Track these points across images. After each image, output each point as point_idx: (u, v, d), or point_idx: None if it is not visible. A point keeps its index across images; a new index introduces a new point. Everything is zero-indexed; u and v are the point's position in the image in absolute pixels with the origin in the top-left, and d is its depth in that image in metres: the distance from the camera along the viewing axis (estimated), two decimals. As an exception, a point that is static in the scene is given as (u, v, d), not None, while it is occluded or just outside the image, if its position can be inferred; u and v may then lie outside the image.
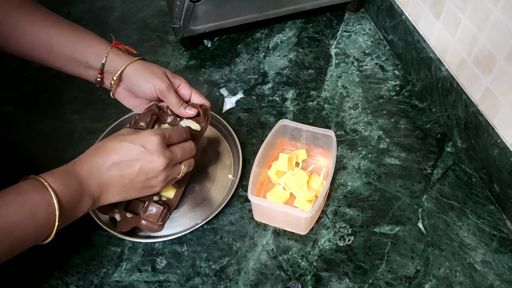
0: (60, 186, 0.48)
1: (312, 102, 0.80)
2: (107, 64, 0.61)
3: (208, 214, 0.64)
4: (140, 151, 0.52)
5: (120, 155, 0.52)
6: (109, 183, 0.52)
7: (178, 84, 0.65)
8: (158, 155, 0.53)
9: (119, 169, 0.52)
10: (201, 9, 0.80)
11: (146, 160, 0.52)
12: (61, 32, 0.60)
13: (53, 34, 0.59)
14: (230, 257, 0.62)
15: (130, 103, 0.67)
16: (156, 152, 0.53)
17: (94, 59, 0.61)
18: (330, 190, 0.68)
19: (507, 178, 0.61)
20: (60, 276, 0.61)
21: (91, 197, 0.51)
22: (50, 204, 0.46)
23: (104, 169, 0.51)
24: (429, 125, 0.76)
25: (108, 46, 0.61)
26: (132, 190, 0.54)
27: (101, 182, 0.51)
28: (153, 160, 0.52)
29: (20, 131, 0.77)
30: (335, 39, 0.90)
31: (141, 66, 0.62)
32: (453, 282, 0.59)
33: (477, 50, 0.64)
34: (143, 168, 0.52)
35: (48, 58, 0.61)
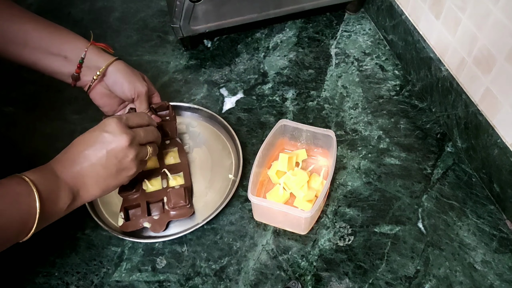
0: (38, 178, 0.49)
1: (312, 102, 0.80)
2: (86, 59, 0.62)
3: (209, 214, 0.64)
4: (101, 135, 0.53)
5: (85, 144, 0.53)
6: (83, 174, 0.52)
7: (153, 92, 0.68)
8: (120, 133, 0.53)
9: (88, 158, 0.52)
10: (201, 9, 0.80)
11: (109, 141, 0.53)
12: (38, 27, 0.60)
13: (29, 30, 0.59)
14: (230, 257, 0.62)
15: (103, 102, 0.68)
16: (117, 131, 0.53)
17: (72, 54, 0.62)
18: (330, 190, 0.68)
19: (507, 178, 0.61)
20: (60, 276, 0.61)
21: (70, 191, 0.51)
22: (30, 194, 0.47)
23: (75, 161, 0.52)
24: (429, 125, 0.76)
25: (86, 42, 0.62)
26: (109, 178, 0.54)
27: (75, 174, 0.52)
28: (116, 140, 0.53)
29: (20, 131, 0.77)
30: (335, 39, 0.90)
31: (123, 66, 0.64)
32: (453, 282, 0.59)
33: (477, 50, 0.64)
34: (109, 149, 0.53)
35: (23, 54, 0.61)
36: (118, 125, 0.54)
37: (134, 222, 0.62)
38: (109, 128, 0.53)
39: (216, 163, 0.71)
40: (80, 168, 0.52)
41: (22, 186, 0.47)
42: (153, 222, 0.62)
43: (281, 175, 0.66)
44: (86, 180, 0.52)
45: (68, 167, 0.52)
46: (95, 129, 0.54)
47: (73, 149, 0.53)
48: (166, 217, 0.63)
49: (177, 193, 0.62)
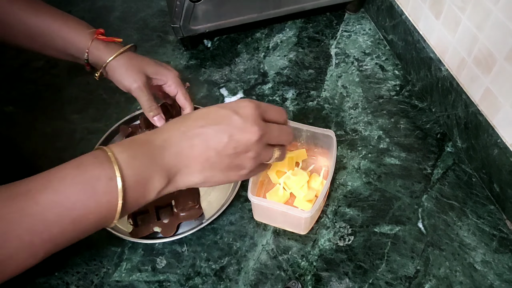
0: (127, 157, 0.40)
1: (312, 102, 0.80)
2: (90, 58, 0.61)
3: (212, 213, 0.64)
4: (231, 116, 0.44)
5: (208, 120, 0.44)
6: (190, 155, 0.43)
7: (163, 82, 0.63)
8: (251, 123, 0.44)
9: (205, 138, 0.43)
10: (201, 9, 0.80)
11: (238, 128, 0.43)
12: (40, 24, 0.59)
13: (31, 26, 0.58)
14: (230, 257, 0.62)
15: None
16: (250, 119, 0.44)
17: (77, 53, 0.61)
18: (330, 190, 0.68)
19: (507, 178, 0.61)
20: (60, 276, 0.61)
21: (166, 174, 0.42)
22: (112, 178, 0.39)
23: (186, 137, 0.43)
24: (429, 125, 0.76)
25: (89, 39, 0.60)
26: (217, 168, 0.44)
27: (180, 152, 0.42)
28: (246, 129, 0.44)
29: (20, 131, 0.77)
30: (335, 39, 0.90)
31: (120, 63, 0.60)
32: (453, 282, 0.59)
33: (477, 50, 0.64)
34: (234, 137, 0.43)
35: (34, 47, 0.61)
36: (254, 113, 0.44)
37: (144, 227, 0.62)
38: (243, 111, 0.44)
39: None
40: (190, 147, 0.43)
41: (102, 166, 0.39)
42: (163, 226, 0.62)
43: (281, 175, 0.66)
44: (191, 162, 0.43)
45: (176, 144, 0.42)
46: (225, 105, 0.45)
47: (188, 122, 0.44)
48: (176, 220, 0.63)
49: (185, 195, 0.62)
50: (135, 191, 0.41)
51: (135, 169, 0.40)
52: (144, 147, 0.42)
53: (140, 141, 0.42)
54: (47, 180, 0.39)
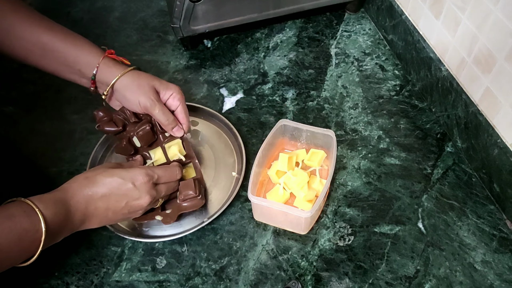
0: (50, 214, 0.48)
1: (312, 102, 0.80)
2: (98, 75, 0.61)
3: (214, 212, 0.64)
4: (129, 188, 0.55)
5: (110, 189, 0.54)
6: (93, 214, 0.53)
7: (170, 94, 0.64)
8: (145, 194, 0.56)
9: (106, 202, 0.54)
10: (201, 9, 0.80)
11: (133, 197, 0.55)
12: (54, 39, 0.59)
13: (46, 41, 0.59)
14: (230, 257, 0.62)
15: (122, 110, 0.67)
16: (143, 190, 0.56)
17: (85, 69, 0.61)
18: (330, 190, 0.68)
19: (507, 178, 0.61)
20: (60, 276, 0.61)
21: (73, 226, 0.52)
22: (38, 231, 0.47)
23: (92, 201, 0.53)
24: (429, 125, 0.76)
25: (99, 55, 0.61)
26: (111, 220, 0.56)
27: (86, 213, 0.53)
28: (140, 198, 0.56)
29: (20, 131, 0.77)
30: (335, 39, 0.90)
31: (130, 80, 0.62)
32: (453, 282, 0.59)
33: (477, 50, 0.64)
34: (129, 203, 0.55)
35: (42, 63, 0.61)
36: (147, 185, 0.56)
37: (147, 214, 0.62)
38: (138, 183, 0.55)
39: (219, 161, 0.71)
40: (94, 209, 0.53)
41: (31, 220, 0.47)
42: (164, 215, 0.63)
43: (281, 175, 0.66)
44: (92, 219, 0.54)
45: (83, 206, 0.52)
46: (124, 176, 0.55)
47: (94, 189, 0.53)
48: (177, 210, 0.63)
49: (186, 184, 0.62)
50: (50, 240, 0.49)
51: (55, 224, 0.49)
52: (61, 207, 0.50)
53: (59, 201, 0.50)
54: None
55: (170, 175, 0.60)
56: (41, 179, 0.71)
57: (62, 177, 0.71)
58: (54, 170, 0.72)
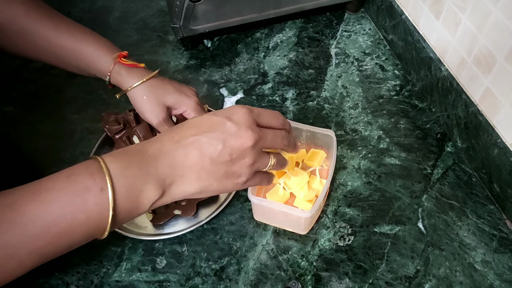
0: (119, 167, 0.39)
1: (312, 102, 0.80)
2: (112, 81, 0.62)
3: (211, 212, 0.64)
4: (225, 123, 0.43)
5: (201, 128, 0.43)
6: (185, 164, 0.42)
7: (183, 111, 0.63)
8: (245, 129, 0.43)
9: (199, 146, 0.42)
10: (201, 9, 0.80)
11: (231, 134, 0.43)
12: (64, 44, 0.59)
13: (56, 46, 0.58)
14: (230, 257, 0.62)
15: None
16: (243, 124, 0.43)
17: (99, 75, 0.61)
18: (330, 190, 0.68)
19: (507, 178, 0.61)
20: (60, 276, 0.61)
21: (160, 184, 0.41)
22: (103, 189, 0.38)
23: (179, 146, 0.42)
24: (429, 125, 0.76)
25: (111, 62, 0.59)
26: (213, 177, 0.44)
27: (175, 162, 0.42)
28: (240, 134, 0.43)
29: (20, 131, 0.77)
30: (335, 39, 0.90)
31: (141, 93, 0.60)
32: (453, 282, 0.59)
33: (477, 50, 0.64)
34: (228, 143, 0.43)
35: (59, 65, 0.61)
36: (248, 118, 0.44)
37: (164, 213, 0.62)
38: (236, 117, 0.44)
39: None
40: (185, 156, 0.42)
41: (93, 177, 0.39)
42: (183, 209, 0.63)
43: (281, 175, 0.66)
44: (185, 172, 0.42)
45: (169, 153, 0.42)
46: (218, 112, 0.44)
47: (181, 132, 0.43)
48: (194, 200, 0.62)
49: None
50: (127, 202, 0.40)
51: (127, 180, 0.40)
52: (137, 157, 0.41)
53: (133, 151, 0.42)
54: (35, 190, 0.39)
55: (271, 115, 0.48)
56: (41, 179, 0.71)
57: (62, 177, 0.71)
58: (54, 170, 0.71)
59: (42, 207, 0.38)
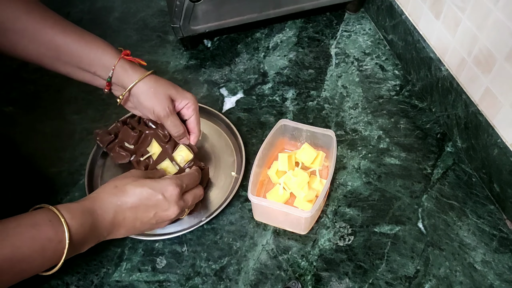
0: (76, 224, 0.48)
1: (312, 102, 0.80)
2: (114, 77, 0.60)
3: (212, 211, 0.64)
4: (158, 199, 0.54)
5: (140, 199, 0.53)
6: (121, 224, 0.53)
7: (185, 104, 0.64)
8: (173, 205, 0.55)
9: (135, 212, 0.53)
10: (201, 9, 0.80)
11: (162, 208, 0.55)
12: (68, 41, 0.58)
13: (60, 44, 0.58)
14: (230, 257, 0.62)
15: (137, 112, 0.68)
16: (173, 202, 0.55)
17: (101, 71, 0.60)
18: (330, 190, 0.68)
19: (507, 178, 0.61)
20: (60, 276, 0.61)
21: (99, 237, 0.52)
22: (62, 241, 0.47)
23: (121, 211, 0.52)
24: (429, 125, 0.76)
25: (115, 57, 0.60)
26: (139, 230, 0.56)
27: (114, 222, 0.52)
28: (169, 209, 0.55)
29: (20, 131, 0.77)
30: (335, 39, 0.90)
31: (147, 86, 0.61)
32: (453, 282, 0.59)
33: (477, 50, 0.64)
34: (158, 214, 0.55)
35: (56, 65, 0.60)
36: (177, 196, 0.55)
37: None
38: (168, 195, 0.55)
39: (219, 160, 0.71)
40: (123, 219, 0.53)
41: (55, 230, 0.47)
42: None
43: (281, 175, 0.66)
44: (120, 228, 0.54)
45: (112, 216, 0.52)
46: (155, 187, 0.54)
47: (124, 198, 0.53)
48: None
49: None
50: (74, 250, 0.49)
51: (80, 235, 0.49)
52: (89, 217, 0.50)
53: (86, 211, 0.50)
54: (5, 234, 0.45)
55: (194, 180, 0.60)
56: (41, 179, 0.71)
57: (62, 177, 0.71)
58: (54, 170, 0.72)
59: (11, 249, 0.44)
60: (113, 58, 0.60)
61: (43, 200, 0.52)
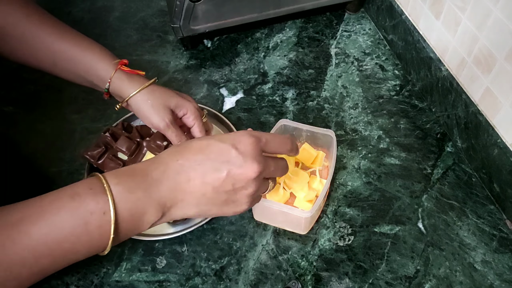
0: (122, 190, 0.40)
1: (312, 102, 0.80)
2: (111, 88, 0.60)
3: None
4: (231, 152, 0.43)
5: (206, 153, 0.43)
6: (186, 190, 0.43)
7: (183, 114, 0.62)
8: (251, 160, 0.43)
9: (202, 172, 0.42)
10: (201, 9, 0.80)
11: (236, 164, 0.43)
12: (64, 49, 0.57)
13: (57, 50, 0.57)
14: (230, 257, 0.62)
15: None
16: (249, 155, 0.43)
17: (98, 81, 0.60)
18: (330, 190, 0.68)
19: (507, 178, 0.61)
20: (60, 276, 0.61)
21: (161, 208, 0.42)
22: (106, 213, 0.39)
23: (183, 170, 0.42)
24: (429, 125, 0.76)
25: (112, 68, 0.58)
26: (213, 203, 0.44)
27: (177, 187, 0.42)
28: (245, 165, 0.43)
29: (20, 131, 0.77)
30: (335, 39, 0.90)
31: (144, 99, 0.59)
32: (453, 282, 0.59)
33: (477, 50, 0.64)
34: (232, 173, 0.43)
35: (55, 71, 0.60)
36: (254, 149, 0.44)
37: None
38: (242, 146, 0.43)
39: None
40: (187, 181, 0.42)
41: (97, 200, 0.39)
42: None
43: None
44: (186, 197, 0.43)
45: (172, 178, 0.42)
46: (225, 139, 0.44)
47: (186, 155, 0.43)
48: None
49: None
50: (128, 224, 0.41)
51: (130, 203, 0.40)
52: (140, 179, 0.41)
53: (137, 172, 0.42)
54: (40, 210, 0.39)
55: (280, 142, 0.47)
56: (41, 179, 0.71)
57: (62, 177, 0.71)
58: (54, 170, 0.72)
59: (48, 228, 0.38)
60: (109, 69, 0.58)
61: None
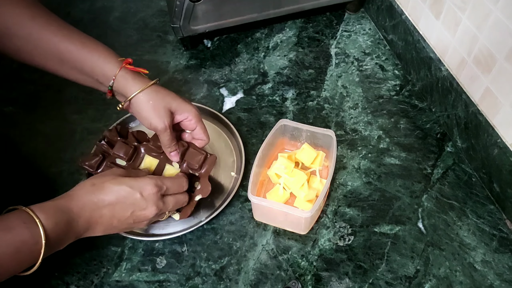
0: (51, 224, 0.48)
1: (312, 102, 0.80)
2: (115, 86, 0.60)
3: (211, 211, 0.64)
4: (136, 197, 0.54)
5: (117, 197, 0.53)
6: (98, 222, 0.53)
7: (185, 117, 0.63)
8: (151, 205, 0.55)
9: (112, 210, 0.53)
10: (201, 9, 0.80)
11: (140, 207, 0.54)
12: (70, 48, 0.58)
13: (63, 50, 0.58)
14: (230, 257, 0.62)
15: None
16: (151, 201, 0.55)
17: (102, 79, 0.60)
18: (330, 190, 0.68)
19: (507, 178, 0.61)
20: (60, 276, 0.61)
21: (77, 234, 0.52)
22: (38, 243, 0.46)
23: (97, 209, 0.52)
24: (429, 125, 0.76)
25: (117, 66, 0.59)
26: (116, 229, 0.56)
27: (91, 220, 0.52)
28: (146, 208, 0.55)
29: (20, 131, 0.77)
30: (335, 39, 0.90)
31: (147, 98, 0.60)
32: (453, 281, 0.59)
33: (477, 50, 0.64)
34: (135, 213, 0.55)
35: (60, 71, 0.60)
36: (155, 196, 0.55)
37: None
38: (146, 193, 0.54)
39: (219, 161, 0.71)
40: (99, 216, 0.52)
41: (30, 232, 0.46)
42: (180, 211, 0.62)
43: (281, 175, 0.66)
44: (97, 226, 0.53)
45: (88, 214, 0.52)
46: (133, 185, 0.54)
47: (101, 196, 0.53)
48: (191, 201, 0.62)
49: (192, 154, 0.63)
50: (51, 249, 0.49)
51: (55, 234, 0.48)
52: (64, 216, 0.49)
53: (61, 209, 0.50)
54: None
55: (178, 185, 0.60)
56: (41, 179, 0.71)
57: (62, 177, 0.71)
58: (54, 170, 0.72)
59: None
60: (114, 67, 0.59)
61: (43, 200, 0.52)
